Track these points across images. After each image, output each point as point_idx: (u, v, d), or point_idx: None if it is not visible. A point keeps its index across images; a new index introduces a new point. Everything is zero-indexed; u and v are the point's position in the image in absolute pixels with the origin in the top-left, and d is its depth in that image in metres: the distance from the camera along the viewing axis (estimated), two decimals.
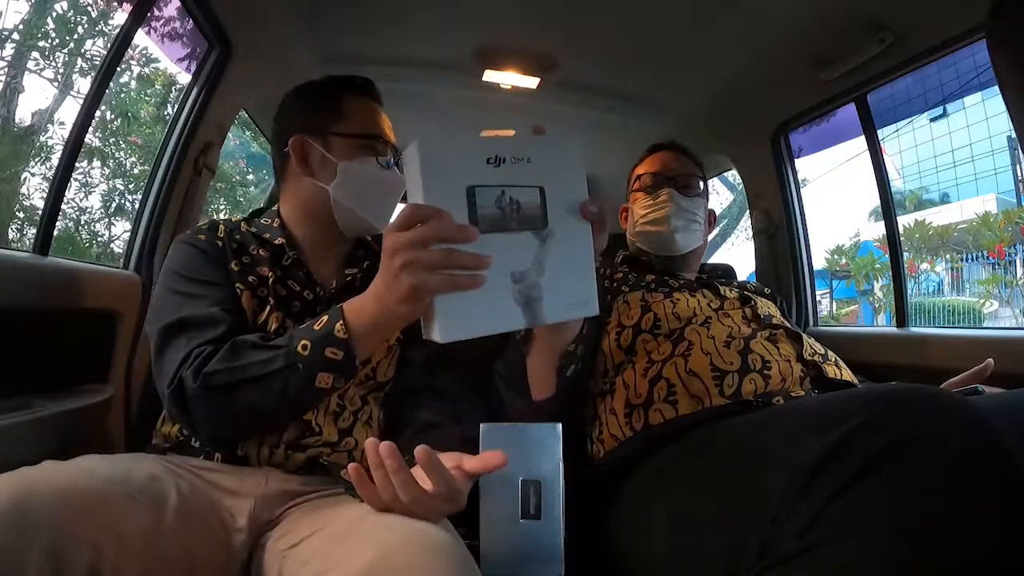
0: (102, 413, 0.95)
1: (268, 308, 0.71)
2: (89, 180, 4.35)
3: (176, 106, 1.30)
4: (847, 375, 0.81)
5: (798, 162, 1.62)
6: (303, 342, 0.58)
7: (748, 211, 1.76)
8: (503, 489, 0.61)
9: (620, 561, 0.68)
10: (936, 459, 0.39)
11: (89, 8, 3.72)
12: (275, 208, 0.84)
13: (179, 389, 0.59)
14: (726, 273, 1.11)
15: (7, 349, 0.78)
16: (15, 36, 3.63)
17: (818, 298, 1.70)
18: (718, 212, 1.30)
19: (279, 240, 0.77)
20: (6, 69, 3.60)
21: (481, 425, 0.64)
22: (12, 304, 0.80)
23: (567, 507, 0.62)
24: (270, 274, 0.74)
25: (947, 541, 0.36)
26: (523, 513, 0.61)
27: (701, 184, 1.04)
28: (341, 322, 0.58)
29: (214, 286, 0.69)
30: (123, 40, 1.03)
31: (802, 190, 1.65)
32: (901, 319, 1.30)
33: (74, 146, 0.98)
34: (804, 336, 0.84)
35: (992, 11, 0.54)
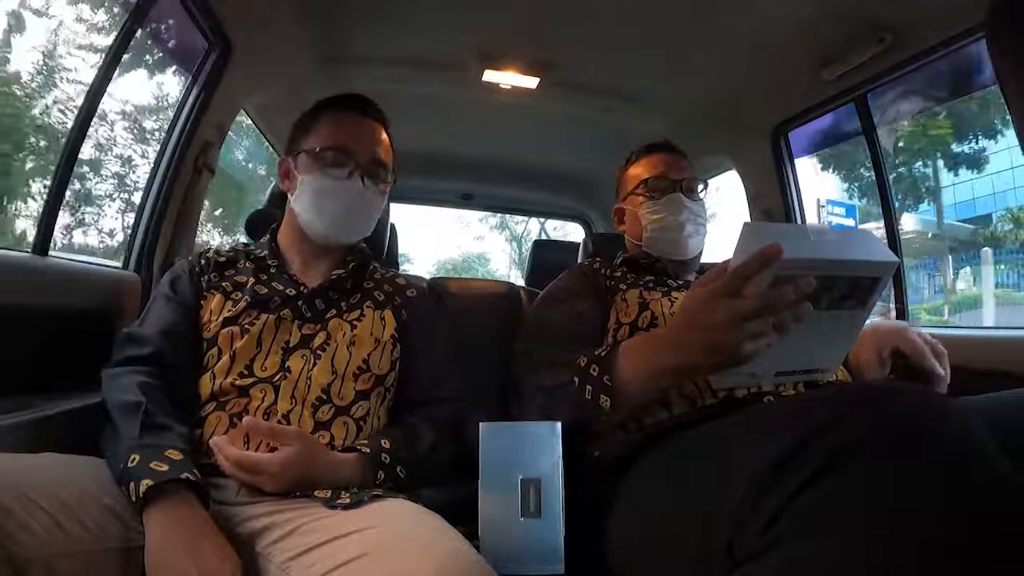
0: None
1: (244, 305, 0.77)
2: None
3: (176, 106, 1.30)
4: (842, 375, 0.81)
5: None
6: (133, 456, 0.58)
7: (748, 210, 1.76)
8: (503, 488, 0.61)
9: (616, 560, 0.68)
10: (897, 454, 0.38)
11: None
12: (274, 225, 0.91)
13: (102, 378, 0.71)
14: None
15: (7, 349, 0.78)
16: None
17: None
18: None
19: (263, 252, 0.85)
20: None
21: (481, 425, 0.64)
22: (12, 304, 0.80)
23: (567, 505, 0.62)
24: (249, 280, 0.81)
25: (907, 537, 0.36)
26: (523, 511, 0.61)
27: (701, 186, 1.04)
28: None
29: (169, 303, 0.78)
30: (123, 40, 1.03)
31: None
32: (901, 319, 1.30)
33: (74, 146, 0.98)
34: None
35: (992, 11, 0.54)
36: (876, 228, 1.49)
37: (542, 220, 12.63)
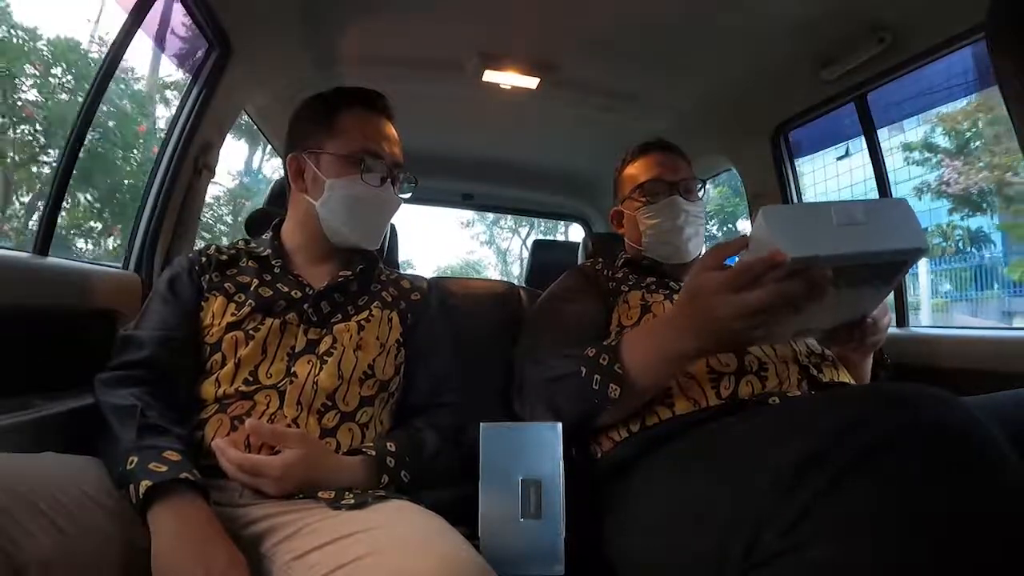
0: None
1: (248, 309, 0.75)
2: None
3: (176, 106, 1.30)
4: (844, 376, 0.81)
5: None
6: (131, 457, 0.57)
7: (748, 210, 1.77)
8: (503, 488, 0.61)
9: (618, 561, 0.68)
10: (921, 458, 0.38)
11: None
12: (276, 220, 0.89)
13: (95, 385, 0.69)
14: None
15: (7, 349, 0.78)
16: None
17: None
18: None
19: (266, 252, 0.82)
20: None
21: (481, 425, 0.64)
22: (12, 304, 0.80)
23: (567, 506, 0.62)
24: (252, 281, 0.79)
25: (931, 541, 0.36)
26: (523, 512, 0.61)
27: (699, 186, 1.02)
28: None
29: (167, 305, 0.77)
30: (123, 40, 1.02)
31: None
32: (901, 319, 1.30)
33: (74, 146, 0.98)
34: None
35: (992, 11, 0.54)
36: None
37: (524, 236, 13.26)
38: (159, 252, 1.20)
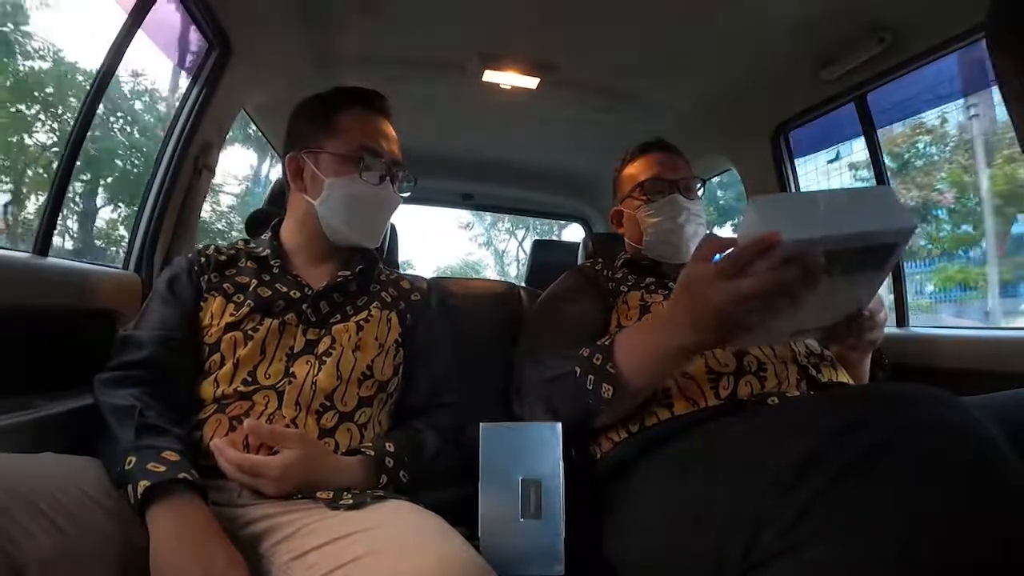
0: None
1: (247, 309, 0.75)
2: None
3: (176, 106, 1.30)
4: (843, 376, 0.80)
5: None
6: (131, 459, 0.57)
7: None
8: (503, 488, 0.61)
9: (618, 561, 0.68)
10: (920, 459, 0.39)
11: None
12: (275, 221, 0.89)
13: (95, 385, 0.69)
14: None
15: (7, 349, 0.78)
16: None
17: None
18: None
19: (264, 252, 0.82)
20: None
21: (481, 425, 0.64)
22: (12, 304, 0.80)
23: (567, 507, 0.62)
24: (251, 281, 0.79)
25: (931, 542, 0.36)
26: (523, 512, 0.61)
27: (698, 185, 1.02)
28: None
29: (167, 305, 0.77)
30: (123, 40, 1.02)
31: None
32: (901, 319, 1.30)
33: (73, 147, 0.98)
34: None
35: (992, 11, 0.54)
36: None
37: (520, 239, 13.45)
38: (159, 252, 1.21)
